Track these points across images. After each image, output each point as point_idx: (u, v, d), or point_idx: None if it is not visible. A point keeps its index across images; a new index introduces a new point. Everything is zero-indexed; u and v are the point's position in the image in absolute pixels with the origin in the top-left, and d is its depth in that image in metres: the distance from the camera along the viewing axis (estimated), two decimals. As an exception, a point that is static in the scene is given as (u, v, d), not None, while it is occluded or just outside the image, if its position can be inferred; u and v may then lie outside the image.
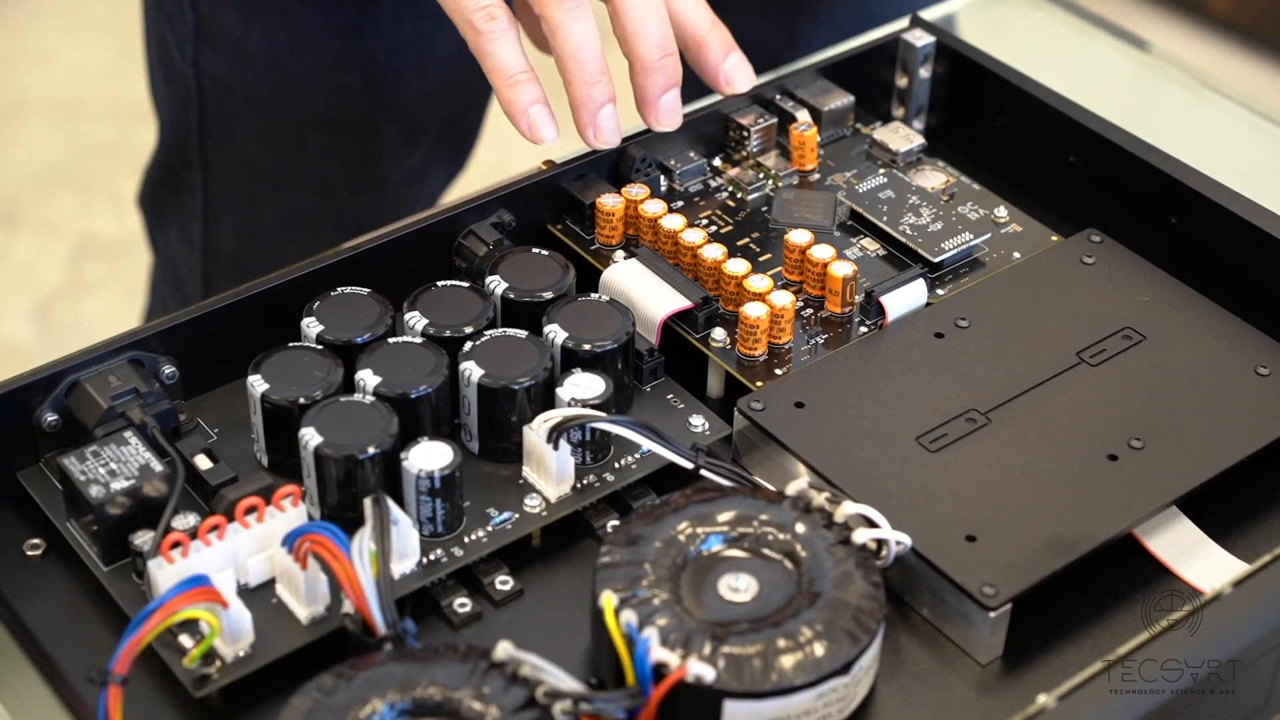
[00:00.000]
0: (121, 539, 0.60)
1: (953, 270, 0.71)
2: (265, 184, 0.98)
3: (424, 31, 0.92)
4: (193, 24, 0.93)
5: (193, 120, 0.97)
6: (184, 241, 1.03)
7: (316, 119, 0.95)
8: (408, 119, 0.96)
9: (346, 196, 0.98)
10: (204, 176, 0.99)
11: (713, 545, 0.59)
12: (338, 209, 0.98)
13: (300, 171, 0.97)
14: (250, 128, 0.96)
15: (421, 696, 0.54)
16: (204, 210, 1.00)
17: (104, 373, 0.63)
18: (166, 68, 0.97)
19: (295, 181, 0.98)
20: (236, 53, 0.93)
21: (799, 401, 0.65)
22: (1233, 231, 0.70)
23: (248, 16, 0.92)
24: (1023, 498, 0.61)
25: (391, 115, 0.95)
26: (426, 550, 0.61)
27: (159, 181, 1.03)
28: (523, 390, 0.63)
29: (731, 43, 0.75)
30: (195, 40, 0.94)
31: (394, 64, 0.93)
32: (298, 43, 0.92)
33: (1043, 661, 0.59)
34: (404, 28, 0.92)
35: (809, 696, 0.55)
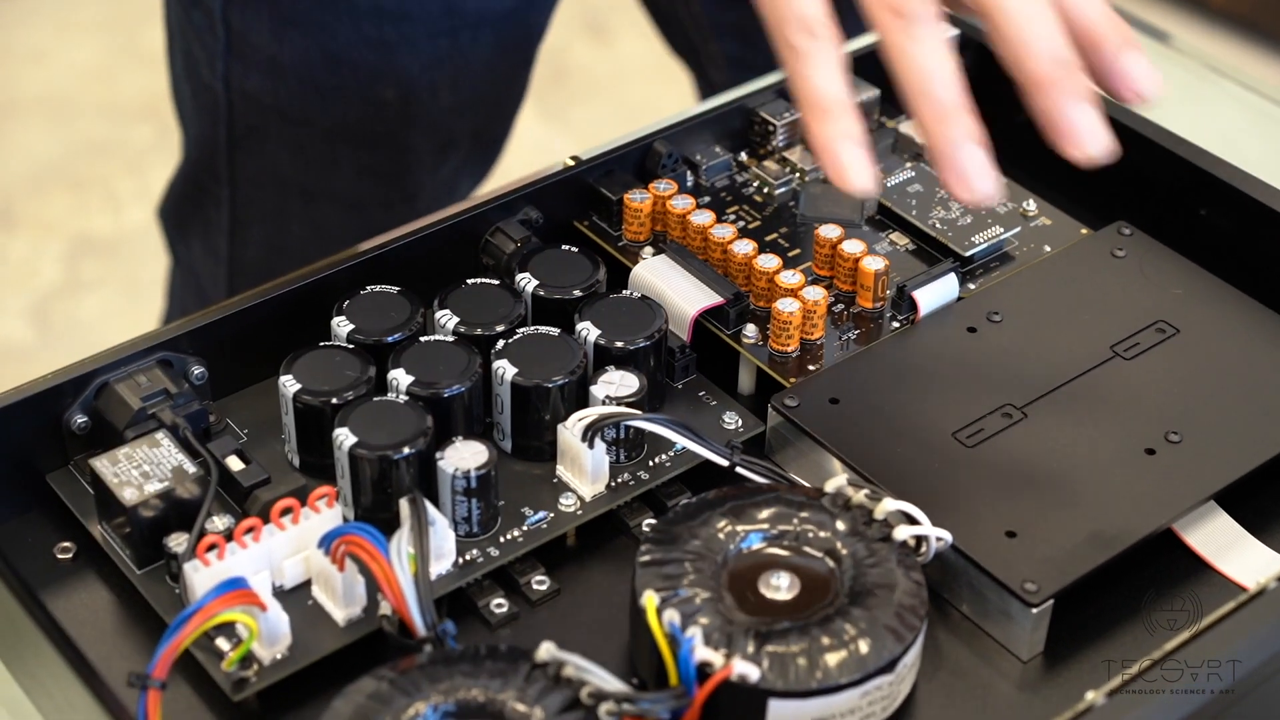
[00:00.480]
0: (155, 542, 0.59)
1: (983, 264, 0.71)
2: (295, 198, 0.98)
3: (459, 44, 0.92)
4: (223, 39, 0.93)
5: (221, 134, 0.96)
6: (208, 254, 1.02)
7: (349, 133, 0.94)
8: (441, 132, 0.96)
9: (378, 211, 0.97)
10: (231, 190, 0.98)
11: (753, 543, 0.58)
12: (369, 223, 0.98)
13: (331, 186, 0.97)
14: (281, 142, 0.95)
15: (465, 699, 0.54)
16: (230, 224, 1.00)
17: (133, 374, 0.63)
18: (194, 81, 0.97)
19: (326, 196, 0.97)
20: (269, 67, 0.92)
21: (834, 398, 0.64)
22: (1263, 223, 0.70)
23: (281, 31, 0.91)
24: (1061, 493, 0.61)
25: (425, 129, 0.95)
26: (462, 551, 0.60)
27: (184, 194, 1.02)
28: (556, 389, 0.62)
29: (1130, 37, 0.59)
30: (226, 55, 0.93)
31: (429, 77, 0.92)
32: (332, 58, 0.91)
33: (1084, 658, 0.59)
34: (439, 42, 0.91)
35: (854, 695, 0.55)
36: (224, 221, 1.00)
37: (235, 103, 0.94)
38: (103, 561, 0.61)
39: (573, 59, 1.18)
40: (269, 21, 0.91)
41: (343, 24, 0.90)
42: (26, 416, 0.62)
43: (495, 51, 0.94)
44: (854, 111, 0.57)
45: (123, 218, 1.91)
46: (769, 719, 0.55)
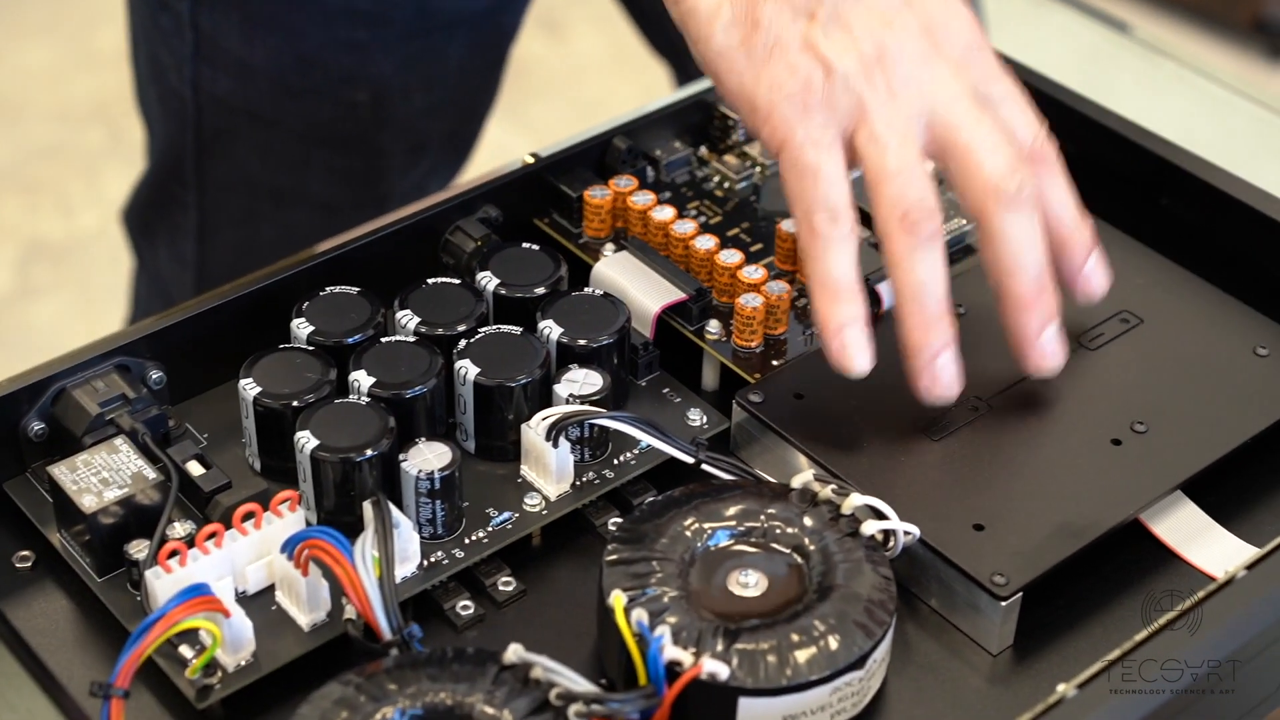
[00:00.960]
0: (115, 549, 0.59)
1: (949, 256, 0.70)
2: (266, 201, 0.97)
3: (433, 46, 0.91)
4: (192, 42, 0.92)
5: (188, 138, 0.95)
6: (175, 259, 1.01)
7: (321, 135, 0.94)
8: (414, 134, 0.95)
9: (350, 213, 0.96)
10: (199, 195, 0.97)
11: (720, 540, 0.58)
12: (341, 225, 0.96)
13: (302, 189, 0.96)
14: (251, 144, 0.95)
15: (432, 702, 0.53)
16: (198, 228, 0.99)
17: (91, 379, 0.62)
18: (160, 85, 0.96)
19: (298, 198, 0.97)
20: (239, 70, 0.92)
21: (798, 393, 0.64)
22: (1223, 211, 0.70)
23: (251, 33, 0.90)
24: (1028, 485, 0.61)
25: (397, 131, 0.94)
26: (427, 552, 0.60)
27: (149, 200, 1.01)
28: (520, 388, 0.62)
29: (1093, 240, 0.65)
30: (194, 58, 0.92)
31: (402, 79, 0.92)
32: (303, 59, 0.91)
33: (1054, 650, 0.59)
34: (413, 43, 0.91)
35: (824, 691, 0.55)
36: (191, 226, 0.99)
37: (204, 106, 0.94)
38: (63, 570, 0.60)
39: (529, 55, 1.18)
40: (239, 24, 0.90)
41: (314, 25, 0.90)
42: (-18, 424, 0.61)
43: (469, 53, 0.93)
44: (861, 297, 0.61)
45: (75, 222, 1.90)
46: (739, 717, 0.54)
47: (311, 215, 0.97)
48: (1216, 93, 0.94)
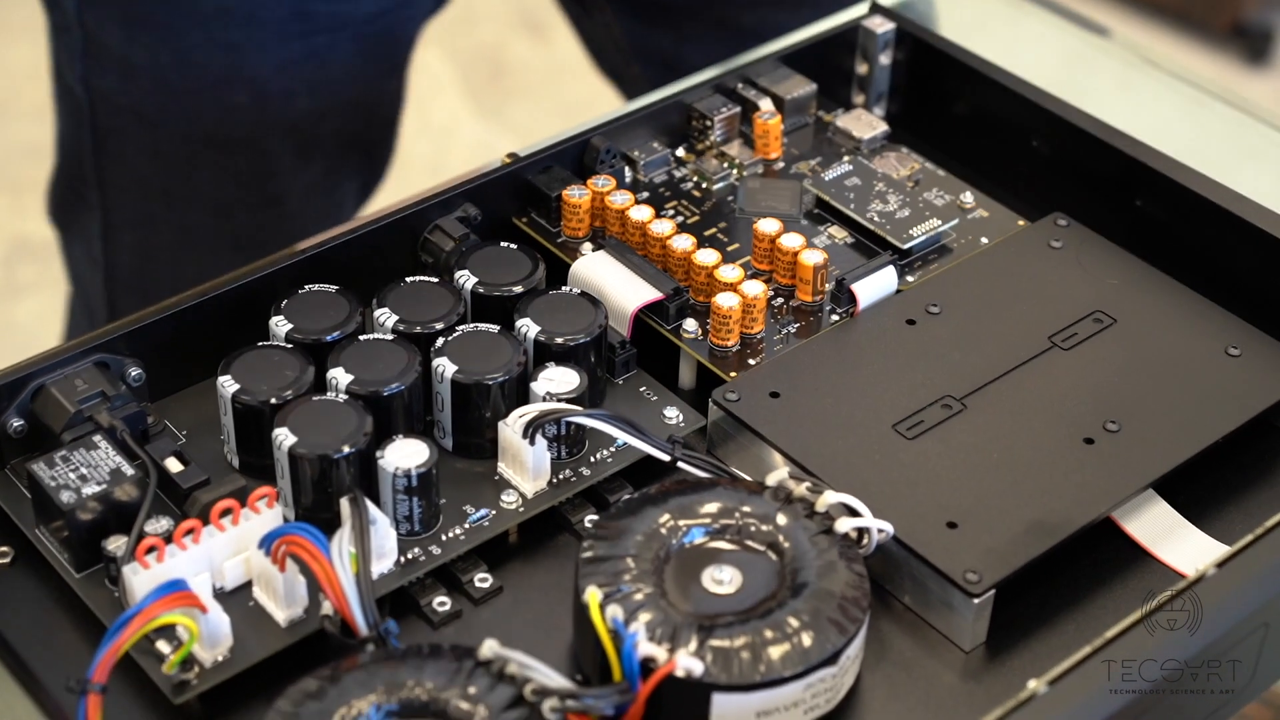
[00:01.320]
0: (93, 545, 0.59)
1: (921, 257, 0.71)
2: (159, 203, 0.96)
3: (314, 49, 0.91)
4: (80, 40, 0.92)
5: (86, 137, 0.95)
6: (88, 259, 1.01)
7: (205, 136, 0.93)
8: (300, 136, 0.94)
9: (242, 214, 0.96)
10: (101, 194, 0.97)
11: (695, 538, 0.58)
12: (234, 227, 0.97)
13: (193, 190, 0.96)
14: (141, 146, 0.94)
15: (408, 697, 0.54)
16: (103, 228, 0.98)
17: (70, 376, 0.62)
18: (60, 83, 0.96)
19: (188, 200, 0.96)
20: (122, 69, 0.91)
21: (774, 391, 0.64)
22: (1198, 213, 0.70)
23: (132, 32, 0.90)
24: (1002, 483, 0.61)
25: (283, 133, 0.94)
26: (404, 549, 0.60)
27: (61, 199, 1.01)
28: (497, 385, 0.62)
29: None
30: (83, 56, 0.92)
31: (282, 82, 0.91)
32: (182, 59, 0.90)
33: (1026, 647, 0.59)
34: (291, 45, 0.90)
35: (798, 688, 0.55)
36: (97, 226, 0.99)
37: (96, 104, 0.93)
38: (41, 565, 0.61)
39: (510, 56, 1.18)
40: (119, 22, 0.90)
41: (190, 25, 0.89)
42: (-39, 420, 0.61)
43: (358, 58, 0.93)
44: None
45: (59, 221, 1.89)
46: (713, 713, 0.55)
47: (205, 216, 0.97)
48: (1195, 96, 0.94)
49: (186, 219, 0.97)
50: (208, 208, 0.97)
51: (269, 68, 0.91)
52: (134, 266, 1.00)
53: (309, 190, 0.98)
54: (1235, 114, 0.93)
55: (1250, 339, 0.67)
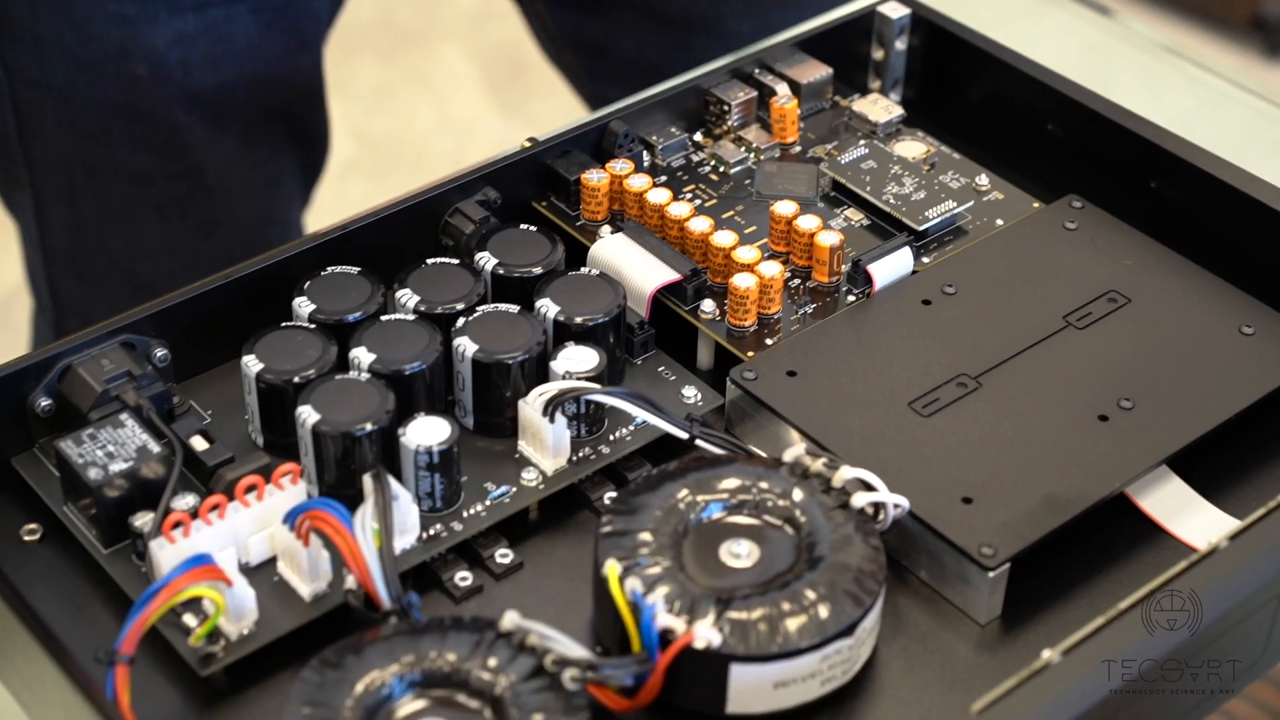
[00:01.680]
0: (120, 521, 0.60)
1: (937, 238, 0.72)
2: (81, 176, 0.97)
3: (211, 22, 0.91)
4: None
5: (9, 114, 0.96)
6: (28, 239, 1.02)
7: (114, 108, 0.94)
8: (208, 108, 0.95)
9: (164, 185, 0.96)
10: (30, 172, 0.98)
11: (713, 513, 0.59)
12: (158, 197, 0.97)
13: (111, 162, 0.96)
14: (59, 120, 0.95)
15: (430, 668, 0.54)
16: (35, 207, 0.99)
17: (96, 356, 0.63)
18: None
19: (109, 171, 0.96)
20: (33, 43, 0.92)
21: (791, 370, 0.65)
22: (1211, 194, 0.71)
23: (34, 6, 0.91)
24: (1016, 459, 0.62)
25: (187, 104, 0.94)
26: (426, 525, 0.61)
27: (2, 181, 1.02)
28: (517, 364, 0.63)
29: None
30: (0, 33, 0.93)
31: (179, 54, 0.92)
32: (81, 31, 0.91)
33: (1040, 620, 0.60)
34: (185, 18, 0.91)
35: (814, 659, 0.56)
36: (29, 205, 0.99)
37: (14, 81, 0.94)
38: (69, 542, 0.62)
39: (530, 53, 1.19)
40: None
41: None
42: (-10, 400, 0.62)
43: (260, 31, 0.93)
44: None
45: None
46: (731, 683, 0.55)
47: (127, 188, 0.97)
48: (1217, 85, 0.95)
49: (109, 191, 0.97)
50: (126, 178, 0.97)
51: (164, 40, 0.91)
52: (66, 244, 1.00)
53: (231, 162, 0.98)
54: (1257, 103, 0.94)
55: (1263, 318, 0.67)
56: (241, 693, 0.58)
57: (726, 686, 0.56)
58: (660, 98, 0.75)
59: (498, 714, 0.54)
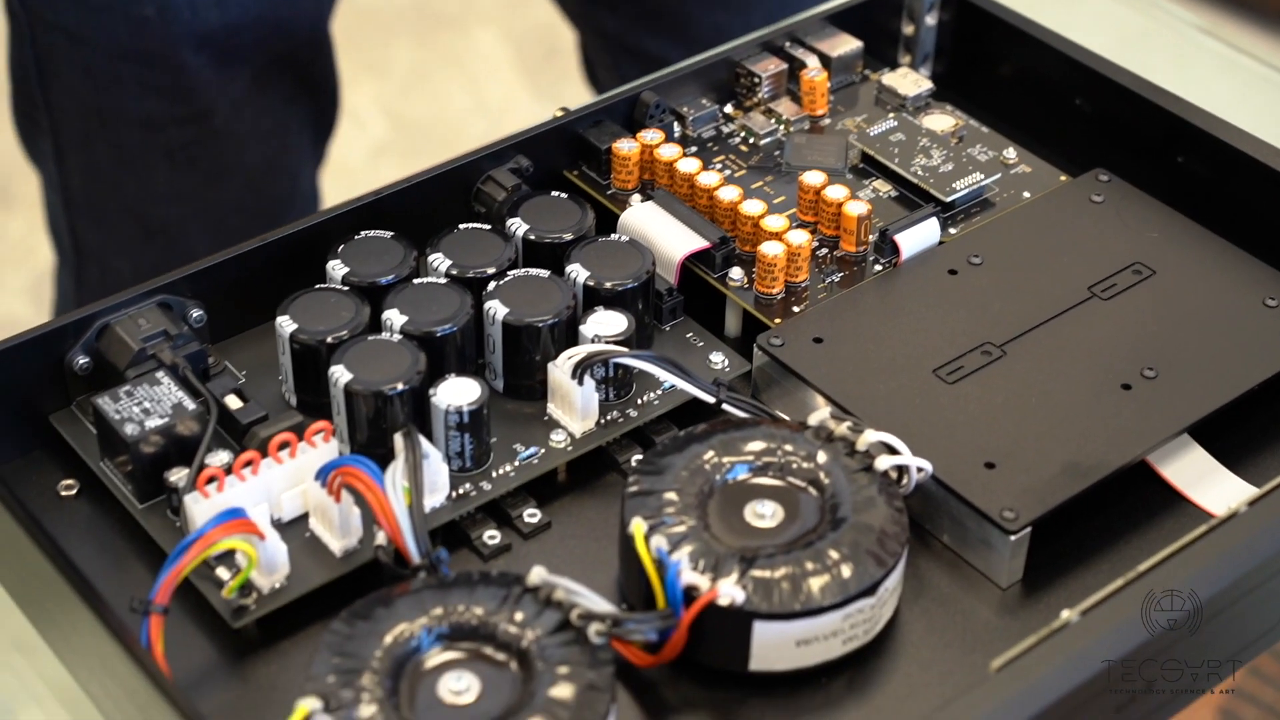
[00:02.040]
0: (156, 477, 0.61)
1: (964, 210, 0.72)
2: (95, 121, 0.98)
3: None
4: None
5: (29, 58, 0.98)
6: (49, 185, 1.04)
7: (123, 51, 0.95)
8: (214, 50, 0.96)
9: (173, 130, 0.98)
10: (50, 116, 0.99)
11: (738, 474, 0.60)
12: (167, 143, 0.99)
13: (122, 106, 0.98)
14: (73, 63, 0.97)
15: (458, 621, 0.55)
16: (55, 151, 1.01)
17: (134, 316, 0.64)
18: (7, 6, 0.98)
19: (120, 117, 0.98)
20: None
21: (817, 337, 0.66)
22: (1238, 168, 0.71)
23: None
24: (1039, 426, 0.63)
25: (195, 46, 0.95)
26: (455, 485, 0.62)
27: (20, 124, 1.04)
28: (546, 328, 0.64)
29: None
30: None
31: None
32: None
33: (1061, 585, 0.61)
34: None
35: (836, 617, 0.56)
36: (50, 149, 1.01)
37: (34, 25, 0.96)
38: (105, 498, 0.63)
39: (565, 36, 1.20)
40: None
41: None
42: (29, 358, 0.63)
43: None
44: None
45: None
46: (754, 641, 0.56)
47: (137, 133, 0.99)
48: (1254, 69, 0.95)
49: (121, 136, 0.99)
50: (137, 123, 0.99)
51: None
52: (84, 188, 1.02)
53: (239, 107, 0.99)
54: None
55: (1288, 291, 0.68)
56: (273, 645, 0.59)
57: (750, 644, 0.56)
58: (691, 69, 0.76)
59: (524, 667, 0.55)
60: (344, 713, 0.52)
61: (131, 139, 0.99)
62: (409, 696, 0.54)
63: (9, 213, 1.90)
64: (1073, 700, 0.54)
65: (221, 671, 0.58)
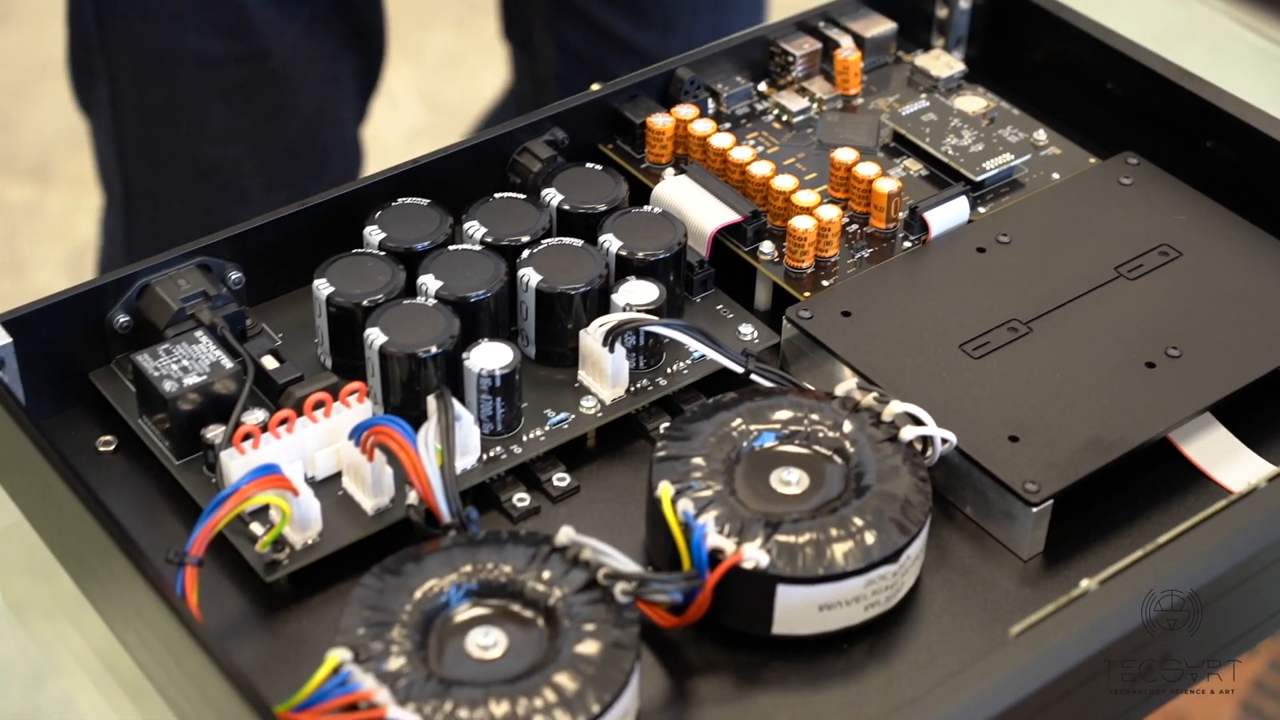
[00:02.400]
0: (193, 434, 0.62)
1: (994, 190, 0.73)
2: (153, 62, 1.00)
3: None
4: None
5: (87, 3, 1.00)
6: (102, 131, 1.06)
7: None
8: None
9: (230, 69, 1.00)
10: (106, 59, 1.01)
11: (765, 441, 0.61)
12: (223, 81, 1.00)
13: (181, 45, 0.99)
14: (132, 4, 0.98)
15: (487, 578, 0.56)
16: (110, 97, 1.03)
17: (173, 276, 0.65)
18: None
19: (178, 57, 1.00)
20: None
21: (846, 311, 0.67)
22: (1267, 154, 0.72)
23: None
24: (1063, 402, 0.63)
25: None
26: (486, 448, 0.63)
27: (77, 73, 1.05)
28: (579, 295, 0.65)
29: None
30: None
31: None
32: None
33: (1081, 558, 0.61)
34: None
35: (859, 583, 0.57)
36: (105, 95, 1.03)
37: None
38: (143, 454, 0.64)
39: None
40: None
41: None
42: (71, 316, 0.65)
43: None
44: None
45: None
46: (777, 604, 0.57)
47: (195, 72, 1.00)
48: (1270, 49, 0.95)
49: (178, 76, 1.01)
50: (194, 64, 1.00)
51: None
52: (138, 132, 1.04)
53: (295, 48, 1.01)
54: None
55: (1313, 274, 0.68)
56: (304, 600, 0.60)
57: (773, 607, 0.57)
58: (726, 46, 0.77)
59: (551, 624, 0.56)
60: (373, 664, 0.54)
61: (189, 78, 1.01)
62: (437, 650, 0.55)
63: (49, 189, 1.91)
64: (1089, 667, 0.55)
65: (254, 624, 0.59)
